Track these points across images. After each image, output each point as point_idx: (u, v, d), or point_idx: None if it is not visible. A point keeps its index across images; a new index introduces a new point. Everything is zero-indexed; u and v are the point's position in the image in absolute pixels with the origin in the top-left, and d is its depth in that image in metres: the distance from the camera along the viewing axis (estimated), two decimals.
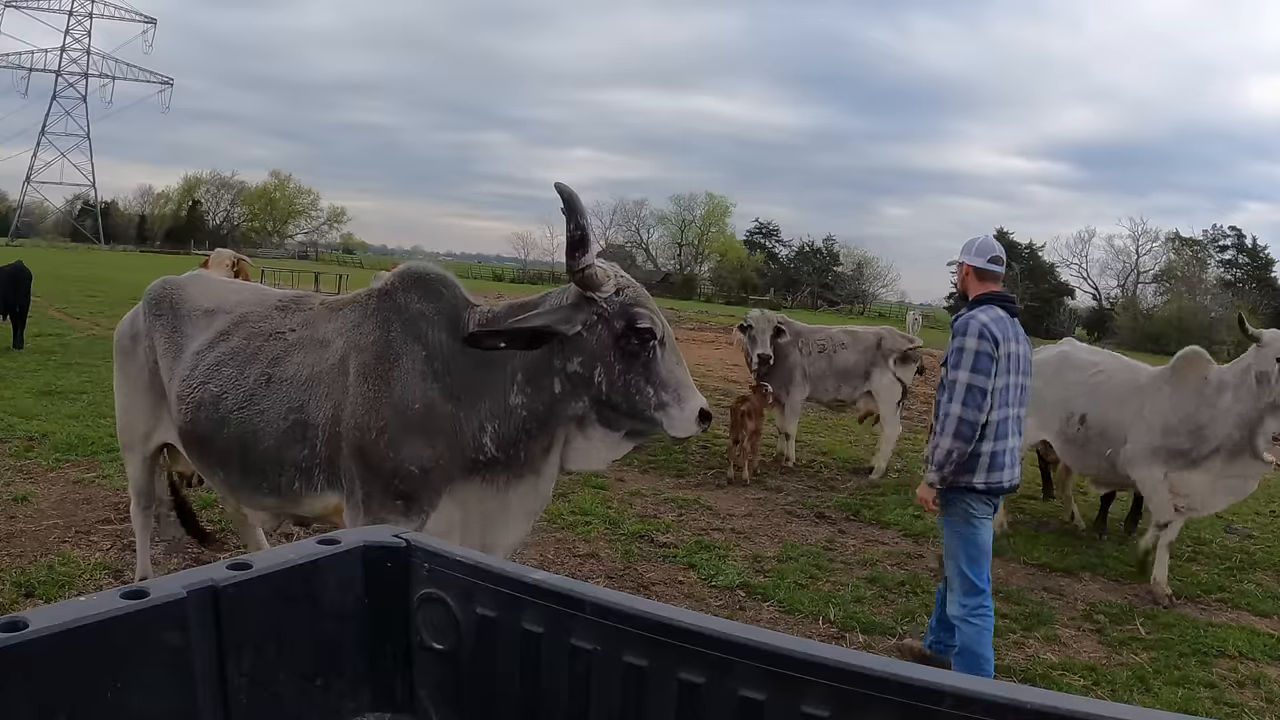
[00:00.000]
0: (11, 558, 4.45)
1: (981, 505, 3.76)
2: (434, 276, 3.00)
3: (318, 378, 2.93)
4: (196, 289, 3.50)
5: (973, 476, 3.71)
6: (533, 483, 2.88)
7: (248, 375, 3.06)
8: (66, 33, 64.91)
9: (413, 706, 1.39)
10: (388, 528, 1.44)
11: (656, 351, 2.73)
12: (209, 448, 3.18)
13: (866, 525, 6.65)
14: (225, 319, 3.27)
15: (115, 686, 1.07)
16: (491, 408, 2.78)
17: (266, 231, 70.38)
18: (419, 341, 2.84)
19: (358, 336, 2.91)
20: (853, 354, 8.77)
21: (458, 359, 2.81)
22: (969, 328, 3.67)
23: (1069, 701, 0.98)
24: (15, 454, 6.37)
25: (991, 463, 3.70)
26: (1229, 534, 7.30)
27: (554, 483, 2.99)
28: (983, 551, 3.77)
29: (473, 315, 2.89)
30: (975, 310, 3.75)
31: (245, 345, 3.14)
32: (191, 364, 3.21)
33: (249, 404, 3.02)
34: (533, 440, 2.80)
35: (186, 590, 1.14)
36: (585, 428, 2.81)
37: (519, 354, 2.74)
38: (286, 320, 3.17)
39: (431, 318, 2.87)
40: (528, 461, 2.83)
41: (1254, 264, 54.57)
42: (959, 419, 3.61)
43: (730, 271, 63.37)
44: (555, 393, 2.74)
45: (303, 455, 2.94)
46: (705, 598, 4.90)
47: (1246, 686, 4.30)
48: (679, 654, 1.14)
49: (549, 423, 2.78)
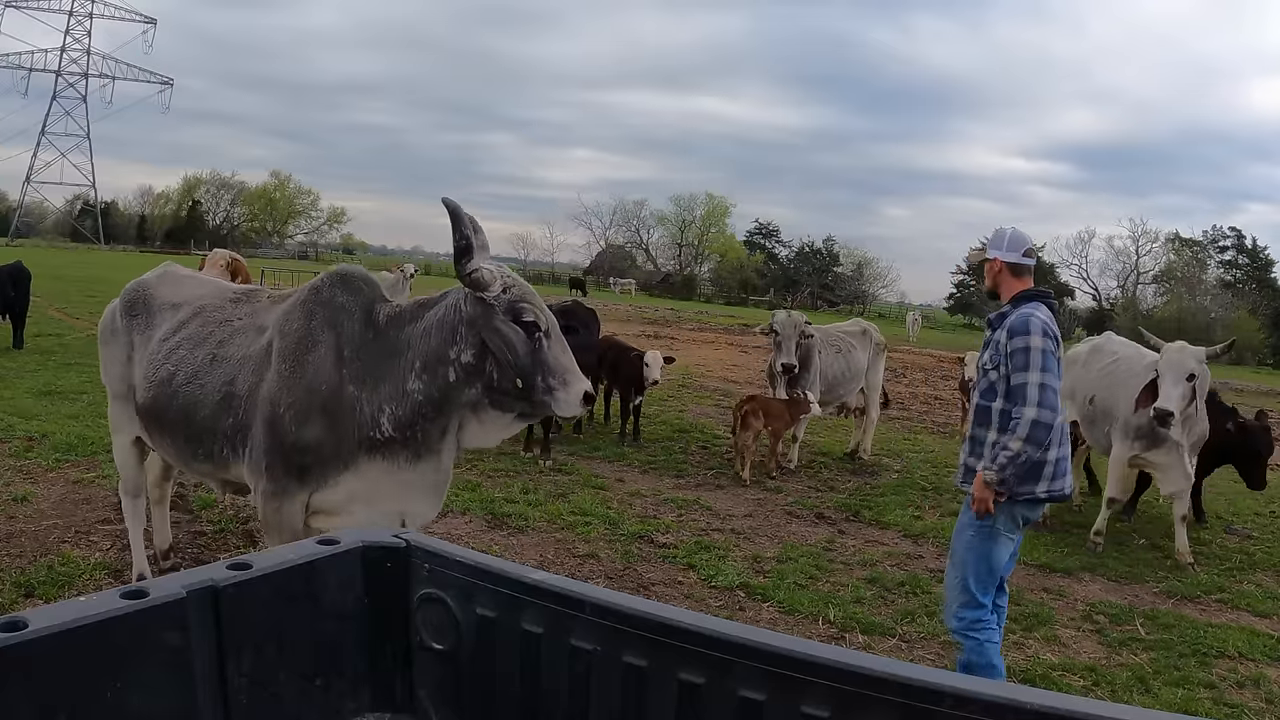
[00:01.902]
0: (11, 558, 4.45)
1: (1010, 521, 3.53)
2: (357, 276, 3.37)
3: (249, 357, 3.30)
4: (165, 286, 3.82)
5: (1035, 485, 3.47)
6: (433, 462, 3.16)
7: (197, 355, 3.42)
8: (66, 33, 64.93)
9: (413, 706, 1.39)
10: (387, 528, 1.44)
11: (542, 342, 2.98)
12: (163, 420, 3.52)
13: (866, 526, 6.65)
14: (187, 310, 3.62)
15: (115, 686, 1.07)
16: (390, 392, 3.07)
17: (266, 232, 70.37)
18: (335, 331, 3.17)
19: (285, 323, 3.26)
20: (861, 351, 8.78)
21: (368, 347, 3.14)
22: (1031, 325, 3.41)
23: (1069, 702, 0.98)
24: (15, 454, 6.37)
25: (1055, 470, 3.49)
26: (1229, 534, 7.30)
27: (454, 461, 3.26)
28: (993, 570, 3.58)
29: (384, 310, 3.24)
30: (1029, 308, 3.49)
31: (200, 331, 3.49)
32: (155, 349, 3.58)
33: (194, 379, 3.39)
34: (429, 423, 3.07)
35: (186, 590, 1.15)
36: (479, 411, 3.09)
37: (419, 343, 3.07)
38: (237, 310, 3.53)
39: (350, 310, 3.20)
40: (425, 442, 3.11)
41: (1254, 265, 54.58)
42: (1033, 421, 3.35)
43: (730, 272, 63.36)
44: (450, 380, 3.02)
45: (229, 424, 3.29)
46: (705, 598, 4.90)
47: (1246, 687, 4.29)
48: (679, 654, 1.14)
49: (444, 407, 3.07)
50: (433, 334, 3.06)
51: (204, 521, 5.33)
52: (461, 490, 6.36)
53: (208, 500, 5.61)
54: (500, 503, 6.15)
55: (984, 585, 3.56)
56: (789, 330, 7.93)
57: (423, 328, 3.10)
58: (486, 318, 2.97)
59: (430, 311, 3.12)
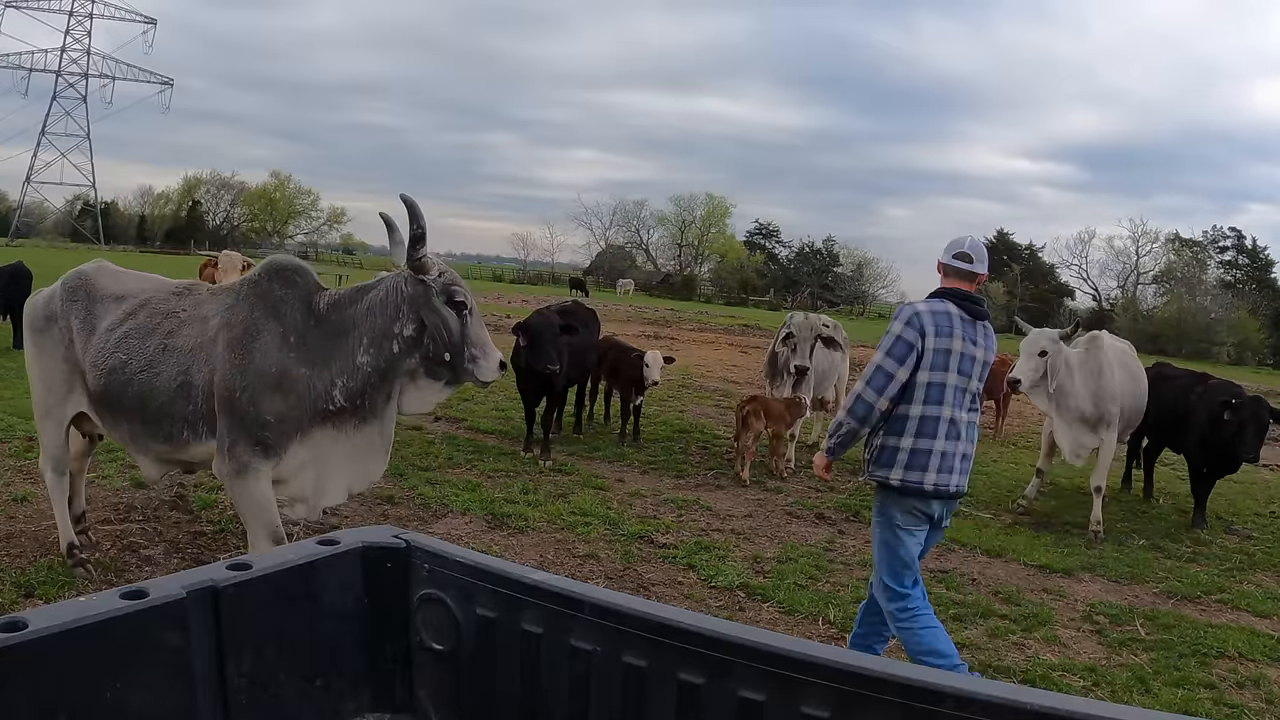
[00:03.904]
0: (11, 558, 4.45)
1: (905, 514, 3.60)
2: (292, 267, 3.79)
3: (200, 348, 3.66)
4: (105, 279, 4.10)
5: (889, 472, 3.56)
6: (377, 426, 3.65)
7: (148, 345, 3.75)
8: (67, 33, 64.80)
9: (413, 707, 1.39)
10: (387, 528, 1.44)
11: (469, 319, 3.56)
12: (117, 405, 3.83)
13: (866, 526, 6.63)
14: (132, 302, 3.91)
15: (115, 687, 1.07)
16: (341, 367, 3.54)
17: (266, 232, 70.25)
18: (277, 319, 3.59)
19: (229, 315, 3.65)
20: (844, 346, 8.87)
21: (311, 332, 3.59)
22: (900, 313, 3.63)
23: (1069, 702, 0.98)
24: (15, 454, 6.37)
25: (910, 460, 3.53)
26: (1229, 534, 7.30)
27: (394, 424, 3.76)
28: (905, 564, 3.63)
29: (323, 297, 3.68)
30: (924, 301, 3.67)
31: (147, 322, 3.81)
32: (104, 339, 3.85)
33: (149, 368, 3.72)
34: (376, 391, 3.58)
35: (186, 590, 1.15)
36: (415, 379, 3.63)
37: (365, 320, 3.55)
38: (181, 303, 3.86)
39: (289, 300, 3.63)
40: (371, 409, 3.61)
41: (1254, 265, 54.55)
42: (857, 395, 3.58)
43: (730, 272, 63.29)
44: (394, 352, 3.54)
45: (188, 410, 3.66)
46: (705, 598, 4.90)
47: (1246, 687, 4.29)
48: (678, 654, 1.14)
49: (388, 376, 3.58)
50: (377, 313, 3.54)
51: (204, 522, 5.33)
52: (461, 490, 6.36)
53: (208, 500, 5.61)
54: (500, 503, 6.15)
55: (897, 576, 3.63)
56: (805, 333, 8.05)
57: (365, 308, 3.57)
58: (425, 297, 3.52)
59: (370, 294, 3.60)
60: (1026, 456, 9.91)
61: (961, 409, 3.62)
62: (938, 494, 3.57)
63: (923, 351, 3.52)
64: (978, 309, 3.67)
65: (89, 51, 65.89)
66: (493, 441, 8.31)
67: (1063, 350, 6.65)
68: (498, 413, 9.64)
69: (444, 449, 7.67)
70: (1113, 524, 7.15)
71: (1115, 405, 6.89)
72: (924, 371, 3.53)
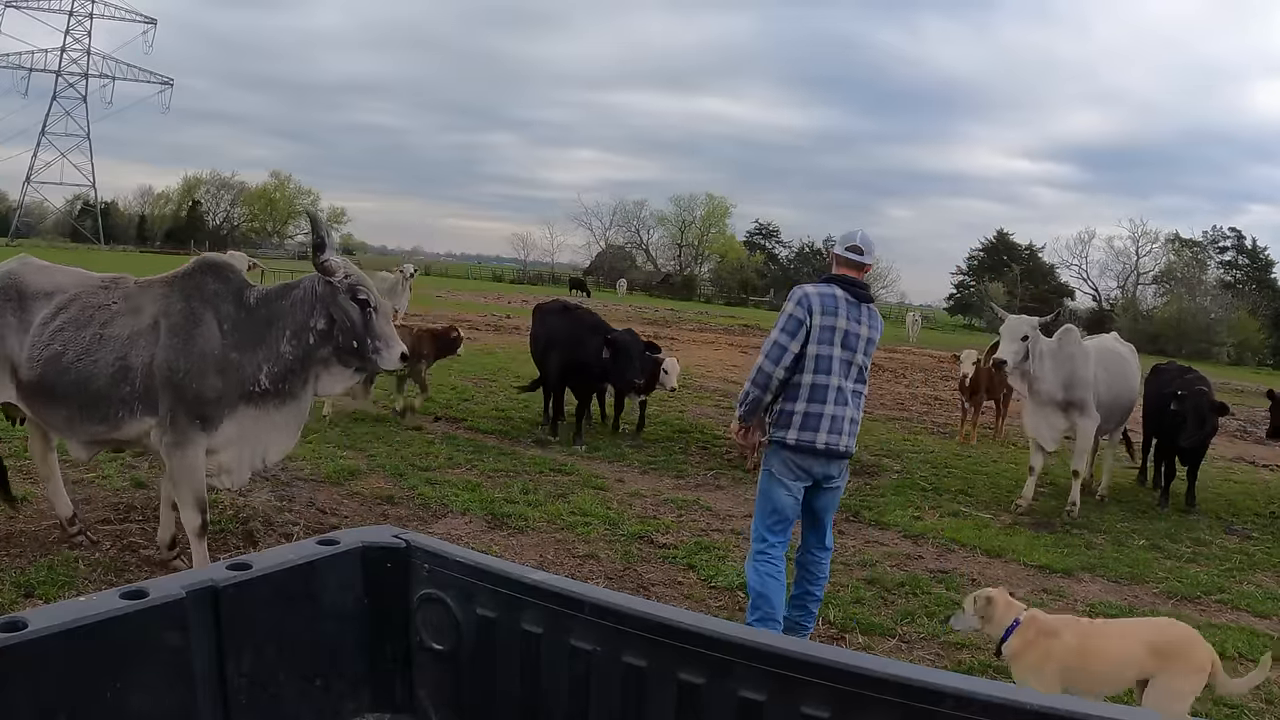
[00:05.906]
0: (11, 558, 4.45)
1: (786, 467, 4.05)
2: (223, 264, 4.28)
3: (137, 334, 4.03)
4: (33, 275, 4.32)
5: (786, 432, 4.03)
6: (295, 406, 4.17)
7: (84, 336, 4.05)
8: (67, 33, 64.75)
9: (413, 707, 1.39)
10: (387, 528, 1.44)
11: (373, 315, 4.01)
12: (53, 393, 4.10)
13: (866, 526, 6.64)
14: (62, 297, 4.18)
15: (115, 686, 1.07)
16: (267, 354, 4.03)
17: (266, 232, 70.22)
18: (213, 310, 4.05)
19: (166, 305, 4.06)
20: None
21: (242, 322, 4.06)
22: (792, 295, 4.11)
23: (1069, 702, 0.98)
24: (15, 454, 6.36)
25: (804, 422, 4.01)
26: (1229, 534, 7.30)
27: (310, 404, 4.29)
28: (777, 512, 4.10)
29: (252, 292, 4.15)
30: (812, 284, 4.16)
31: (80, 315, 4.10)
32: (38, 332, 4.11)
33: (85, 356, 4.03)
34: (295, 376, 4.08)
35: (186, 590, 1.15)
36: (329, 367, 4.13)
37: (288, 315, 4.03)
38: (110, 295, 4.19)
39: (223, 294, 4.09)
40: (291, 391, 4.10)
41: (1254, 265, 54.55)
42: (757, 367, 4.06)
43: (730, 272, 63.27)
44: (310, 343, 4.03)
45: (126, 391, 4.01)
46: (704, 598, 4.90)
47: None
48: (678, 655, 1.14)
49: (306, 363, 4.07)
50: (297, 309, 4.03)
51: None
52: (461, 490, 6.36)
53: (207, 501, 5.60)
54: (500, 503, 6.15)
55: (766, 522, 4.13)
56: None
57: (289, 304, 4.05)
58: (333, 296, 3.99)
59: (294, 292, 4.08)
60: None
61: (848, 379, 4.10)
62: (829, 452, 4.05)
63: (811, 328, 4.01)
64: (862, 293, 4.19)
65: (89, 51, 65.86)
66: (493, 441, 8.31)
67: (1039, 337, 7.08)
68: (498, 413, 9.65)
69: (444, 449, 7.67)
70: (1113, 524, 7.15)
71: (1087, 392, 7.30)
72: (813, 345, 4.01)
